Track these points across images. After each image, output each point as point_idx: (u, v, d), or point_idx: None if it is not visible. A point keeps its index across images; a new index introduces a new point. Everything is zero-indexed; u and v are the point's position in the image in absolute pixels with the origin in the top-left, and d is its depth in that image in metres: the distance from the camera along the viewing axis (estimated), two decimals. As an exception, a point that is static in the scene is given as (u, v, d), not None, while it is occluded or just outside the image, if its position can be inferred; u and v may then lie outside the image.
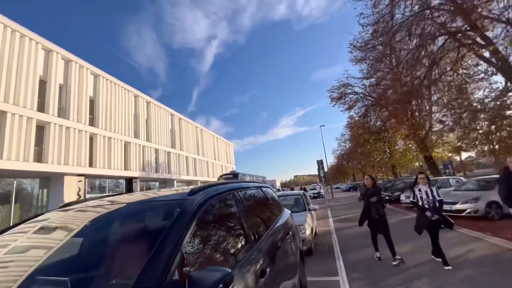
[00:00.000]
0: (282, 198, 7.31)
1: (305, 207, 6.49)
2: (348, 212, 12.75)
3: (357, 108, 19.30)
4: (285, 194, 7.33)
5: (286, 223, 3.01)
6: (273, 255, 2.13)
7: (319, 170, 16.87)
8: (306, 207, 6.49)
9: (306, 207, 6.50)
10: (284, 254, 2.43)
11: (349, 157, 42.42)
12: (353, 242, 6.52)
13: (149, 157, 27.59)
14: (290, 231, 2.92)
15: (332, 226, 9.27)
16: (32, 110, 16.22)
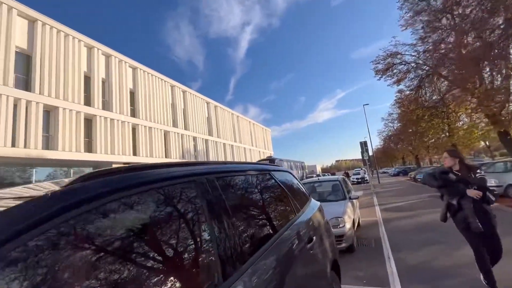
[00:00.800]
0: (317, 185, 6.34)
1: (345, 195, 5.42)
2: (398, 200, 11.12)
3: (408, 81, 16.64)
4: (321, 180, 6.33)
5: (310, 222, 2.11)
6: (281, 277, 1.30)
7: (362, 153, 15.15)
8: (346, 195, 5.42)
9: (346, 195, 5.43)
10: (304, 272, 1.58)
11: (397, 138, 38.25)
12: (407, 238, 5.29)
13: (188, 145, 28.43)
14: (316, 233, 2.03)
15: (379, 216, 7.98)
16: (80, 104, 17.47)
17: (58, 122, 15.97)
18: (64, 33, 17.42)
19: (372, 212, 8.73)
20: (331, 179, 6.19)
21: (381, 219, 7.32)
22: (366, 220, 7.53)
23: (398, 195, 12.89)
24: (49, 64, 16.16)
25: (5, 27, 14.30)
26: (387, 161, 72.05)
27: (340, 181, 5.83)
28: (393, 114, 37.59)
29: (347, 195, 5.43)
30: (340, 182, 5.82)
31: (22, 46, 15.26)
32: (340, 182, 5.81)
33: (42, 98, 15.35)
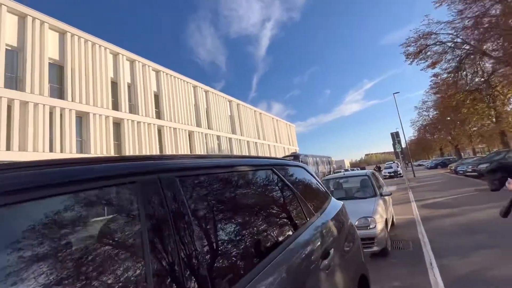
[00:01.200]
0: (343, 180, 5.75)
1: (375, 191, 4.80)
2: (437, 195, 9.99)
3: (444, 63, 14.95)
4: (347, 175, 5.72)
5: (328, 229, 1.67)
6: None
7: (394, 145, 13.94)
8: (376, 191, 4.80)
9: (377, 191, 4.80)
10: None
11: (434, 127, 35.29)
12: (453, 240, 4.55)
13: (212, 143, 28.73)
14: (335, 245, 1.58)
15: (416, 213, 7.14)
16: (108, 109, 18.30)
17: (89, 127, 16.87)
18: (91, 42, 18.34)
19: (408, 209, 7.87)
20: (359, 173, 5.56)
21: (419, 217, 6.52)
22: (401, 218, 6.76)
23: (437, 190, 11.65)
24: (79, 72, 17.11)
25: (38, 41, 15.34)
26: (422, 153, 67.19)
27: (369, 176, 5.20)
28: (428, 101, 34.78)
29: (377, 191, 4.80)
30: (369, 176, 5.19)
31: (54, 57, 16.30)
32: (369, 177, 5.18)
33: (74, 105, 16.29)
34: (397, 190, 13.44)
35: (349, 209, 4.50)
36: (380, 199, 4.60)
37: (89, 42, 18.18)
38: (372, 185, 4.95)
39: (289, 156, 25.01)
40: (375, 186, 4.93)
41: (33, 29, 15.26)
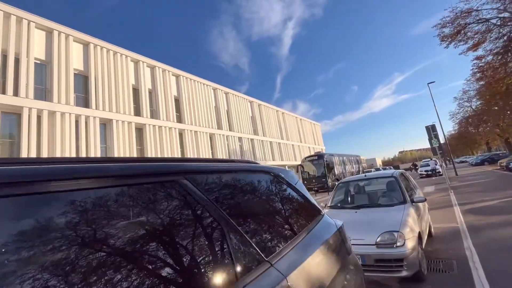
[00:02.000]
0: (364, 183, 4.81)
1: (404, 197, 3.84)
2: (487, 197, 8.42)
3: (489, 43, 12.93)
4: (369, 177, 4.73)
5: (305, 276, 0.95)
6: None
7: (430, 139, 12.27)
8: (405, 197, 3.84)
9: (406, 197, 3.84)
10: None
11: (478, 119, 31.49)
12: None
13: (234, 145, 28.48)
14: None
15: (461, 220, 5.90)
16: (130, 115, 18.78)
17: (112, 133, 17.40)
18: (112, 51, 19.01)
19: (450, 215, 6.60)
20: (384, 174, 4.58)
21: (464, 226, 5.32)
22: (441, 227, 5.60)
23: (486, 191, 9.94)
24: (102, 81, 17.77)
25: (64, 53, 16.15)
26: (465, 148, 61.04)
27: (396, 178, 4.22)
28: (470, 91, 31.20)
29: (407, 197, 3.83)
30: (396, 178, 4.21)
31: (79, 68, 17.08)
32: (397, 178, 4.20)
33: (98, 112, 16.90)
34: (435, 191, 11.85)
35: (369, 220, 3.62)
36: (411, 206, 3.64)
37: (110, 51, 18.86)
38: (400, 188, 3.97)
39: (312, 156, 23.79)
40: (404, 190, 3.95)
41: (59, 42, 16.11)
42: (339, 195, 4.64)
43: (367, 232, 3.24)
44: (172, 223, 0.80)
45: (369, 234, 3.18)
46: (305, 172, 23.56)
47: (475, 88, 29.77)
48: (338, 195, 4.62)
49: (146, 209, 0.76)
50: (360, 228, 3.36)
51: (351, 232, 3.41)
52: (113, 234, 0.66)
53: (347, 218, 3.71)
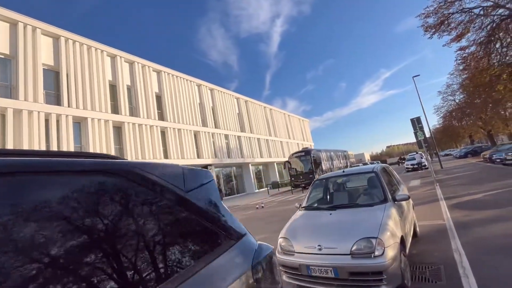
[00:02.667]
0: (343, 180, 4.32)
1: (385, 195, 3.37)
2: (473, 190, 8.18)
3: (472, 34, 12.80)
4: (348, 172, 4.22)
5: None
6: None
7: (416, 132, 12.07)
8: (387, 195, 3.36)
9: (388, 195, 3.37)
10: None
11: (461, 112, 32.01)
12: (509, 263, 3.04)
13: (220, 143, 27.77)
14: None
15: (447, 217, 5.54)
16: (107, 113, 17.77)
17: (88, 132, 16.39)
18: (86, 45, 17.88)
19: (436, 211, 6.25)
20: (363, 170, 4.10)
21: (451, 223, 4.94)
22: (427, 225, 5.21)
23: (471, 183, 9.75)
24: (74, 77, 16.68)
25: (31, 47, 14.98)
26: (449, 141, 62.49)
27: (377, 173, 3.74)
28: (453, 85, 31.66)
29: (389, 195, 3.36)
30: (377, 174, 3.73)
31: (49, 63, 15.93)
32: (378, 174, 3.72)
33: (71, 110, 15.85)
34: (421, 185, 11.64)
35: (344, 223, 3.09)
36: (393, 206, 3.16)
37: (84, 45, 17.73)
38: (381, 185, 3.49)
39: (299, 152, 23.44)
40: (385, 187, 3.47)
41: (25, 35, 14.93)
42: (314, 194, 4.13)
43: (341, 238, 2.73)
44: None
45: (343, 242, 2.67)
46: (292, 169, 23.21)
47: (458, 82, 30.19)
48: (314, 194, 4.11)
49: None
50: (333, 234, 2.85)
51: (323, 238, 2.90)
52: None
53: (320, 222, 3.20)
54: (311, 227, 3.09)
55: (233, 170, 31.61)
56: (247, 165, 31.97)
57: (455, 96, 32.96)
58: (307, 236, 2.98)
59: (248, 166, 32.01)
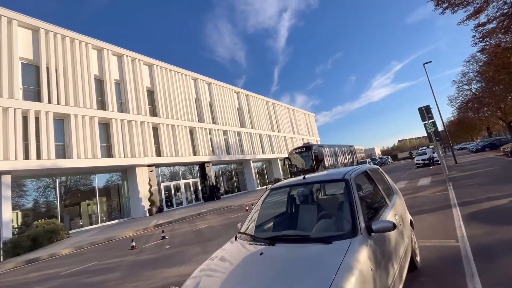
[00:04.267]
0: (302, 191, 2.95)
1: (354, 223, 2.00)
2: (496, 193, 6.63)
3: (492, 8, 10.96)
4: (309, 180, 2.80)
5: None
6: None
7: (426, 125, 10.43)
8: (357, 223, 1.99)
9: (358, 223, 1.99)
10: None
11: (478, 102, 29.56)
12: None
13: (218, 139, 26.61)
14: None
15: (462, 234, 4.12)
16: (93, 109, 16.83)
17: (70, 130, 15.51)
18: (69, 38, 16.93)
19: (447, 224, 4.80)
20: (332, 176, 2.73)
21: (467, 247, 3.52)
22: (432, 247, 3.81)
23: (491, 183, 8.15)
24: (56, 71, 15.79)
25: (6, 40, 14.11)
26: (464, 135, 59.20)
27: (349, 182, 2.32)
28: (469, 73, 29.23)
29: (360, 223, 1.98)
30: (349, 184, 2.31)
31: (27, 57, 15.06)
32: (350, 184, 2.29)
33: (52, 106, 14.98)
34: (431, 185, 10.08)
35: (268, 280, 1.70)
36: (363, 245, 1.80)
37: (67, 38, 16.78)
38: (350, 205, 2.12)
39: (299, 147, 21.94)
40: (358, 208, 2.09)
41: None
42: (261, 212, 2.81)
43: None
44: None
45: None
46: (292, 166, 21.78)
47: (475, 70, 27.80)
48: (260, 213, 2.79)
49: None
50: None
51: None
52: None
53: (238, 271, 1.88)
54: (220, 283, 1.78)
55: (234, 167, 30.48)
56: (248, 162, 30.76)
57: (471, 85, 30.49)
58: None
59: (249, 163, 30.79)
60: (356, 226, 1.94)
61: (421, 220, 5.26)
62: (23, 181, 14.72)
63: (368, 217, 2.20)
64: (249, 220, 2.69)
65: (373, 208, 2.51)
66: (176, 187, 22.39)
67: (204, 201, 24.21)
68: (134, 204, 18.93)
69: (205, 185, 24.44)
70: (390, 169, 26.55)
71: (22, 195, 14.70)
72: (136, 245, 7.83)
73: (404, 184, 11.74)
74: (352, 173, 2.54)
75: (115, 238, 10.56)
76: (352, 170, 2.63)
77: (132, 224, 14.30)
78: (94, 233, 13.05)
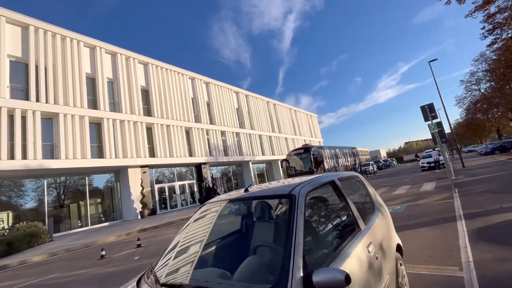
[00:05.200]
0: (238, 210, 2.14)
1: (286, 268, 1.23)
2: (507, 202, 5.78)
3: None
4: (252, 195, 1.95)
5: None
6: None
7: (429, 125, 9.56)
8: (290, 270, 1.20)
9: (291, 271, 1.19)
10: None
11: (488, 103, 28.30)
12: None
13: (215, 140, 25.96)
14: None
15: (468, 258, 3.31)
16: (83, 108, 16.35)
17: (59, 129, 15.04)
18: (60, 35, 16.50)
19: (450, 244, 3.99)
20: (278, 190, 1.97)
21: (475, 279, 2.73)
22: (430, 276, 3.01)
23: (503, 190, 7.27)
24: (45, 69, 15.37)
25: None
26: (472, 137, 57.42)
27: (294, 200, 1.57)
28: (478, 72, 28.05)
29: (294, 271, 1.22)
30: (294, 202, 1.57)
31: (15, 54, 14.65)
32: (296, 203, 1.56)
33: (40, 105, 14.53)
34: (435, 191, 9.20)
35: None
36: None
37: (58, 35, 16.36)
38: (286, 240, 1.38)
39: (298, 149, 21.10)
40: (298, 244, 1.35)
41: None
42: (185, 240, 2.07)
43: None
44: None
45: None
46: (291, 168, 20.96)
47: (484, 69, 26.63)
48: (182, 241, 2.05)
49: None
50: None
51: None
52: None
53: None
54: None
55: (232, 169, 29.80)
56: (247, 163, 30.04)
57: (480, 85, 29.28)
58: None
59: (248, 164, 30.06)
60: (287, 276, 1.20)
61: (419, 235, 4.45)
62: (8, 182, 14.26)
63: (317, 256, 1.45)
64: (168, 251, 1.96)
65: (335, 237, 1.77)
66: (171, 189, 21.78)
67: (200, 203, 23.54)
68: (126, 206, 18.38)
69: (201, 187, 23.79)
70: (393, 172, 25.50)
71: (8, 196, 14.26)
72: (107, 255, 7.17)
73: (406, 190, 10.86)
74: (306, 185, 1.79)
75: (94, 244, 9.94)
76: (309, 181, 1.88)
77: (118, 228, 13.70)
78: (77, 237, 12.48)
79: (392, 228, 2.61)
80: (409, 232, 4.71)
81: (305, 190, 1.71)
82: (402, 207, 7.29)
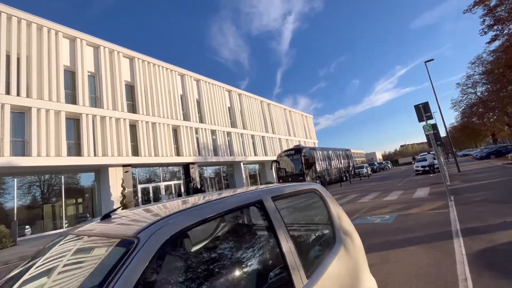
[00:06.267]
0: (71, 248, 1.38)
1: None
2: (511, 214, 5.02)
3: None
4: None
5: None
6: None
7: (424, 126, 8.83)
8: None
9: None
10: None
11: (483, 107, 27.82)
12: None
13: (205, 139, 25.05)
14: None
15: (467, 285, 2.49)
16: (59, 103, 15.35)
17: (31, 124, 14.04)
18: (36, 24, 15.49)
19: (443, 272, 3.18)
20: (117, 229, 1.12)
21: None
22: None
23: (504, 199, 6.51)
24: (17, 60, 14.35)
25: (-42, 22, 12.69)
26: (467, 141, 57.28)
27: (136, 246, 0.81)
28: (474, 75, 27.55)
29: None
30: (133, 254, 0.79)
31: (-16, 43, 13.63)
32: (136, 255, 0.79)
33: (9, 98, 13.51)
34: (429, 198, 8.43)
35: None
36: None
37: (33, 24, 15.34)
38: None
39: (289, 150, 20.35)
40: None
41: (-48, 9, 12.65)
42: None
43: None
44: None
45: None
46: (281, 169, 20.19)
47: (480, 71, 26.14)
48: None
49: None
50: None
51: None
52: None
53: None
54: None
55: (223, 169, 28.91)
56: (239, 164, 29.17)
57: (476, 89, 28.81)
58: None
59: (239, 165, 29.20)
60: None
61: (406, 258, 3.64)
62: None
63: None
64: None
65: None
66: (156, 189, 20.83)
67: (187, 205, 22.58)
68: (106, 207, 17.37)
69: (189, 188, 22.86)
70: (387, 176, 24.84)
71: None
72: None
73: (397, 196, 10.09)
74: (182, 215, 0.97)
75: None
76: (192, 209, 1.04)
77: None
78: (45, 242, 11.49)
79: (363, 268, 1.77)
80: (397, 252, 3.90)
81: (166, 232, 0.86)
82: (392, 216, 6.50)
